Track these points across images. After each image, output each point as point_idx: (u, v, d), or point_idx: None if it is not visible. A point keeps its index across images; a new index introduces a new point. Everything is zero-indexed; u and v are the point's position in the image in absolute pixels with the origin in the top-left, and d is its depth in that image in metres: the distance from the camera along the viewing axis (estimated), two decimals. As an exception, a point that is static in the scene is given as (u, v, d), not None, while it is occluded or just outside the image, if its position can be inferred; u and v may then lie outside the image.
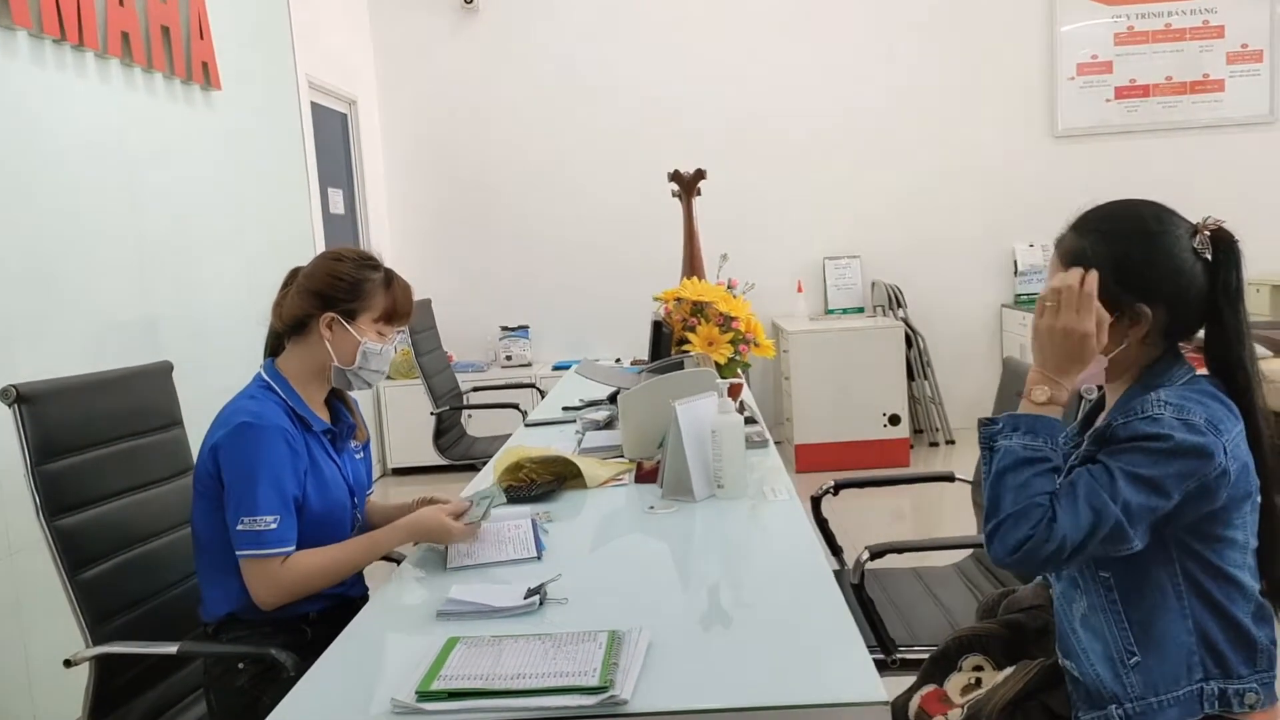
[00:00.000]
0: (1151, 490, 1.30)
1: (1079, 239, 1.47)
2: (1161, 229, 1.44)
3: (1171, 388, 1.38)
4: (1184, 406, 1.33)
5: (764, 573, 1.81)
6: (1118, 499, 1.29)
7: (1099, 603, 1.40)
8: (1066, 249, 1.48)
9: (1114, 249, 1.43)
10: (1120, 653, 1.37)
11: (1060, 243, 1.50)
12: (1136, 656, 1.36)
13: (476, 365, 6.35)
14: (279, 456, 1.85)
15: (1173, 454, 1.30)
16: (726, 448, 2.20)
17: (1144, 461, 1.30)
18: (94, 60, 3.21)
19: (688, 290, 3.14)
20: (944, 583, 2.42)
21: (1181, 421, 1.31)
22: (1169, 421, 1.31)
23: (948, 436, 6.16)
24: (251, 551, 1.80)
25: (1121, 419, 1.36)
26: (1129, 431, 1.34)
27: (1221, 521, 1.35)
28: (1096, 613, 1.40)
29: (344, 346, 1.97)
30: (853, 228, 6.43)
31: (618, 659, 1.37)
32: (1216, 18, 6.16)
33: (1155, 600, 1.36)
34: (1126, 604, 1.38)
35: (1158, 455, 1.30)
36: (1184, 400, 1.34)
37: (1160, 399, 1.35)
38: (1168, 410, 1.33)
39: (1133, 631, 1.37)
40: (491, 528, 2.01)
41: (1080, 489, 1.32)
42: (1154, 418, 1.32)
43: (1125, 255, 1.42)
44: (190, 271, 3.71)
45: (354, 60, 6.10)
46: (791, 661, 1.40)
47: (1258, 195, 6.13)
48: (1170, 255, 1.41)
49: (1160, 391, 1.37)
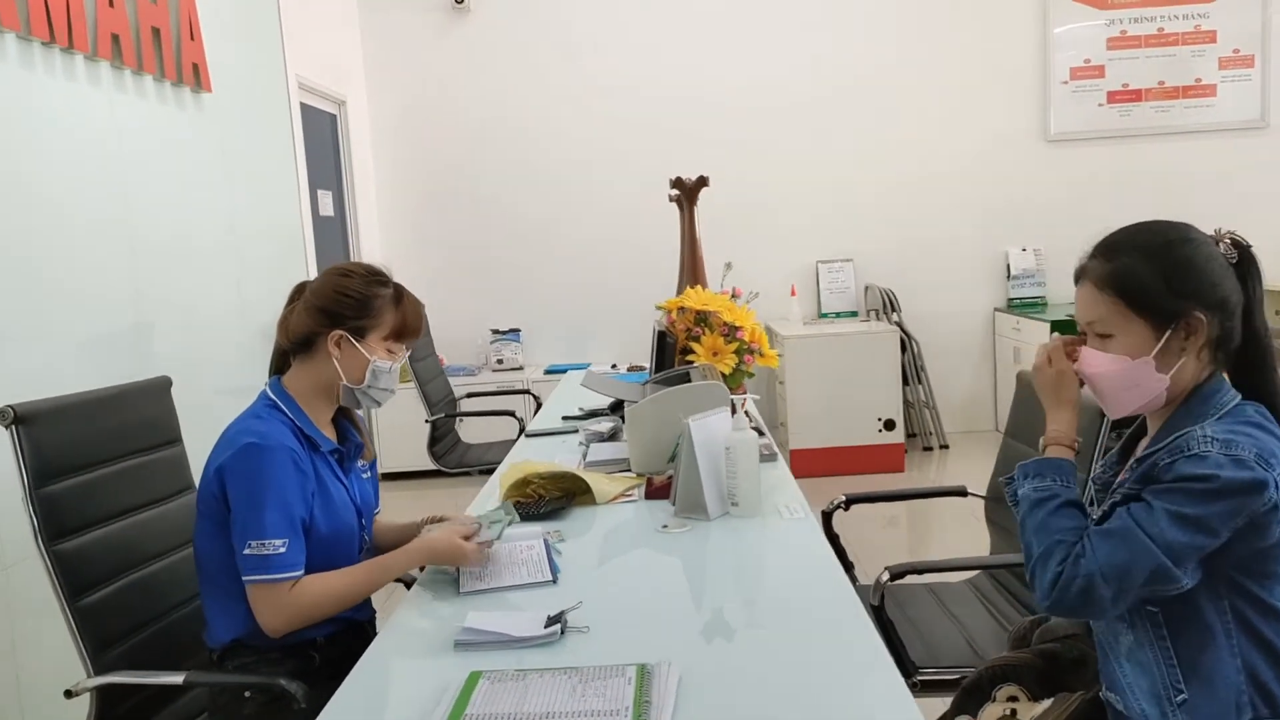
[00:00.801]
0: (1197, 529, 1.27)
1: (1110, 261, 1.42)
2: (1192, 237, 1.42)
3: (1218, 421, 1.35)
4: (1232, 441, 1.30)
5: (786, 596, 1.77)
6: (1160, 539, 1.27)
7: (1146, 638, 1.36)
8: (1101, 274, 1.42)
9: (1155, 260, 1.39)
10: (1167, 689, 1.34)
11: (1085, 272, 1.45)
12: (1184, 694, 1.33)
13: (467, 369, 6.28)
14: (286, 478, 1.79)
15: (1219, 494, 1.27)
16: (741, 465, 2.16)
17: (1188, 501, 1.28)
18: (84, 63, 3.13)
19: (692, 300, 3.10)
20: (959, 600, 2.38)
21: (1230, 458, 1.28)
22: (1216, 459, 1.28)
23: (942, 441, 6.15)
24: (259, 576, 1.74)
25: (1167, 457, 1.32)
26: (1174, 472, 1.31)
27: (1273, 558, 1.31)
28: (1143, 648, 1.37)
29: (353, 365, 1.91)
30: (846, 231, 6.40)
31: (650, 696, 1.33)
32: (1208, 22, 6.17)
33: (1204, 637, 1.33)
34: (1175, 640, 1.34)
35: (1203, 495, 1.27)
36: (1232, 435, 1.31)
37: (1207, 435, 1.31)
38: (1214, 447, 1.30)
39: (1181, 668, 1.34)
40: (503, 549, 1.96)
41: (1115, 528, 1.31)
42: (1200, 455, 1.30)
43: (1170, 263, 1.39)
44: (181, 275, 3.64)
45: (343, 60, 6.03)
46: (826, 692, 1.36)
47: (1250, 199, 6.14)
48: (1211, 260, 1.40)
49: (1206, 426, 1.34)
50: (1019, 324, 5.99)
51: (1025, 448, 2.31)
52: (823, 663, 1.46)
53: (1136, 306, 1.39)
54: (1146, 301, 1.38)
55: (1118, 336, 1.41)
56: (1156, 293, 1.38)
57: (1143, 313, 1.39)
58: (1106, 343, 1.42)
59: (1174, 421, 1.40)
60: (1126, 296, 1.39)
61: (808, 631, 1.58)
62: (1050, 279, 6.31)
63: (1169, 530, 1.27)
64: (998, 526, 2.43)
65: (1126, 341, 1.40)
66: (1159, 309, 1.38)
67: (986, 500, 2.48)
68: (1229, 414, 1.37)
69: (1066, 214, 6.25)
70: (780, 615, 1.68)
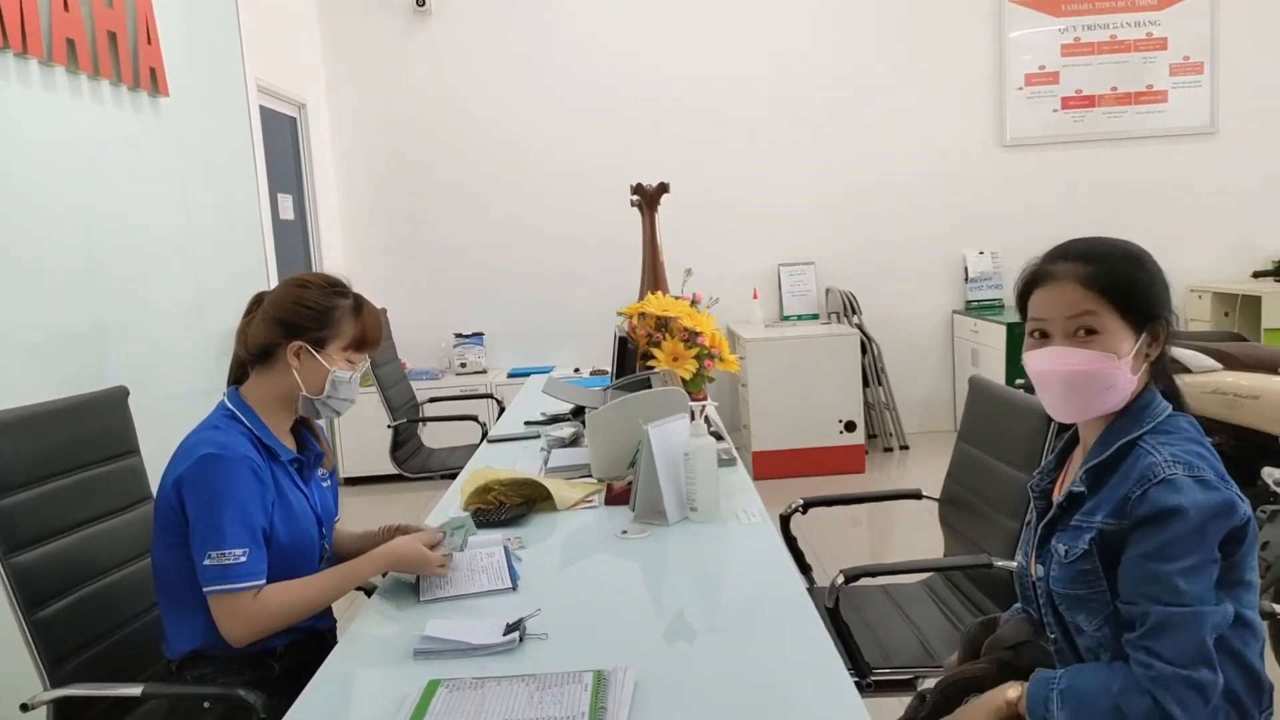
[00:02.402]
0: (1205, 566, 1.31)
1: (1093, 263, 1.44)
2: (1144, 251, 1.49)
3: (1161, 434, 1.40)
4: (1191, 463, 1.34)
5: (742, 601, 1.80)
6: (1192, 598, 1.30)
7: (1123, 655, 1.38)
8: (1085, 273, 1.43)
9: (1136, 266, 1.46)
10: None
11: (1063, 273, 1.45)
12: None
13: (430, 373, 6.27)
14: (246, 488, 1.80)
15: (1203, 528, 1.31)
16: (699, 470, 2.19)
17: (1182, 550, 1.31)
18: (38, 68, 3.10)
19: (652, 305, 3.13)
20: (913, 601, 2.43)
21: (1196, 480, 1.33)
22: (1183, 481, 1.32)
23: (902, 442, 6.22)
24: (220, 587, 1.74)
25: (1136, 488, 1.35)
26: (1151, 507, 1.33)
27: (1240, 566, 1.36)
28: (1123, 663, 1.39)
29: (312, 375, 1.92)
30: (807, 234, 6.46)
31: (605, 702, 1.36)
32: (1159, 30, 6.29)
33: None
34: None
35: (1191, 537, 1.31)
36: (1188, 455, 1.35)
37: (1166, 458, 1.35)
38: (1180, 469, 1.34)
39: None
40: (463, 557, 1.98)
41: (1154, 624, 1.31)
42: (1169, 481, 1.33)
43: (1150, 273, 1.46)
44: (139, 280, 3.61)
45: (303, 63, 5.99)
46: (779, 695, 1.39)
47: (1199, 204, 6.29)
48: (1161, 273, 1.48)
49: (1153, 440, 1.39)
50: (977, 326, 6.08)
51: (978, 453, 2.36)
52: (776, 666, 1.49)
53: (1121, 307, 1.42)
54: (1131, 303, 1.43)
55: (1102, 335, 1.42)
56: (1141, 296, 1.44)
57: (1126, 314, 1.43)
58: (1091, 340, 1.43)
59: (1114, 430, 1.45)
60: (1114, 297, 1.42)
61: (762, 636, 1.61)
62: (1007, 281, 6.40)
63: (1191, 586, 1.30)
64: (951, 529, 2.48)
65: (1110, 340, 1.42)
66: (1141, 312, 1.43)
67: (940, 503, 2.53)
68: (1166, 423, 1.42)
69: (1022, 218, 6.35)
70: (736, 620, 1.71)
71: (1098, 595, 1.41)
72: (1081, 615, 1.44)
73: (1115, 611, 1.39)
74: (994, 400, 2.32)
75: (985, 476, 2.30)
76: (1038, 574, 1.53)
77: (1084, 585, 1.42)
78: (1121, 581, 1.37)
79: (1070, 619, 1.47)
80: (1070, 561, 1.43)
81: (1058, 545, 1.47)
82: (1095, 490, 1.44)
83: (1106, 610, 1.40)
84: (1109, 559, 1.39)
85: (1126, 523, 1.36)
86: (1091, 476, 1.45)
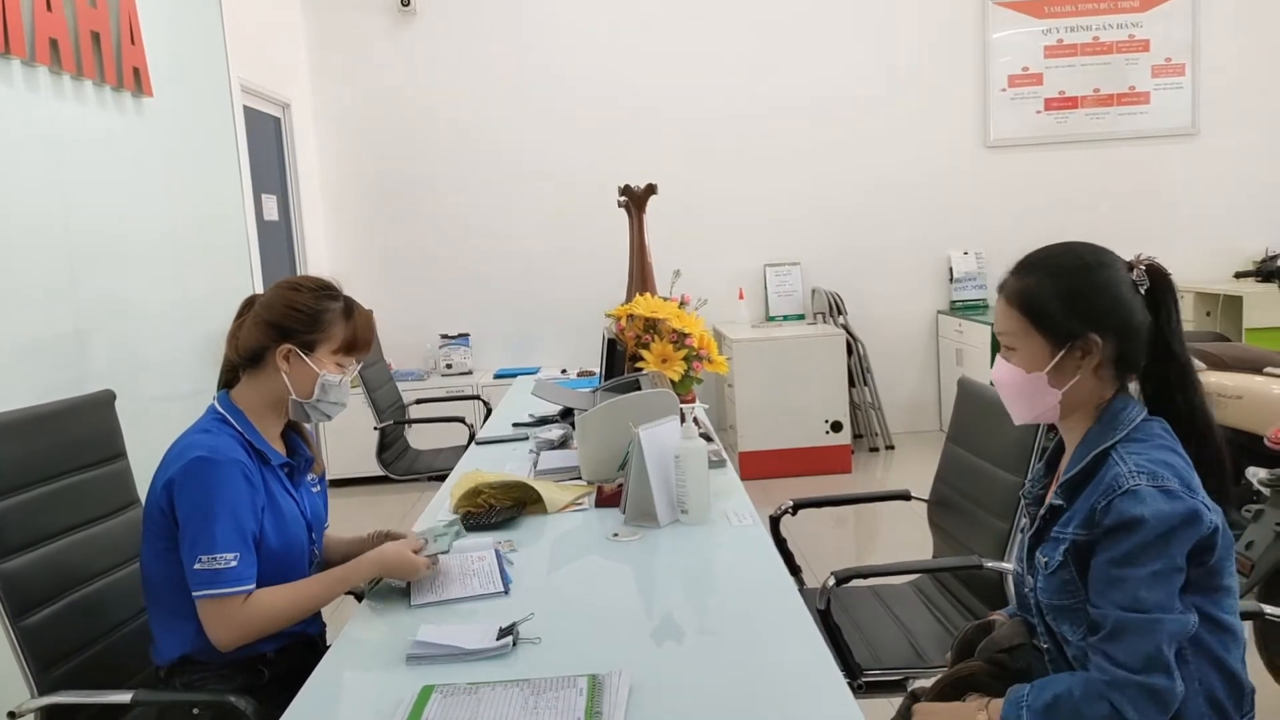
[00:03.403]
0: (1169, 574, 1.32)
1: (1022, 279, 1.51)
2: (1100, 263, 1.49)
3: (1131, 442, 1.42)
4: (1156, 473, 1.35)
5: (734, 603, 1.80)
6: (1151, 605, 1.31)
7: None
8: (1012, 290, 1.52)
9: (1059, 283, 1.48)
10: None
11: (1003, 287, 1.54)
12: None
13: (415, 373, 6.25)
14: (237, 492, 1.78)
15: (1167, 536, 1.32)
16: (690, 473, 2.19)
17: (1147, 558, 1.32)
18: (21, 68, 3.07)
19: (640, 307, 3.13)
20: (902, 602, 2.44)
21: (1160, 490, 1.34)
22: (1146, 491, 1.34)
23: (888, 442, 6.24)
24: (210, 591, 1.73)
25: (1102, 500, 1.37)
26: (1115, 515, 1.35)
27: (1218, 572, 1.38)
28: None
29: (302, 379, 1.91)
30: (793, 235, 6.48)
31: (600, 707, 1.35)
32: (1141, 31, 6.34)
33: None
34: None
35: (1156, 544, 1.32)
36: (1153, 465, 1.37)
37: (1131, 469, 1.37)
38: (1143, 480, 1.35)
39: None
40: (455, 560, 1.97)
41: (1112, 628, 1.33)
42: (1133, 491, 1.34)
43: (1071, 288, 1.47)
44: (122, 281, 3.59)
45: (287, 63, 5.96)
46: (773, 698, 1.40)
47: (1180, 205, 6.34)
48: (1111, 286, 1.47)
49: (1122, 450, 1.40)
50: (961, 326, 6.11)
51: (967, 454, 2.37)
52: (771, 669, 1.49)
53: (1037, 324, 1.48)
54: (1045, 321, 1.48)
55: (1019, 350, 1.51)
56: (1054, 314, 1.46)
57: (1042, 331, 1.48)
58: (1010, 354, 1.53)
59: (1088, 439, 1.47)
60: (1029, 314, 1.49)
61: (755, 638, 1.62)
62: (991, 282, 6.44)
63: (1151, 594, 1.31)
64: (940, 529, 2.49)
65: (1025, 355, 1.50)
66: (1056, 328, 1.47)
67: (929, 504, 2.54)
68: (1137, 430, 1.44)
69: (1006, 218, 6.39)
70: (729, 622, 1.71)
71: (1080, 605, 1.43)
72: (1066, 625, 1.46)
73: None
74: (983, 402, 2.33)
75: (974, 478, 2.31)
76: (1030, 584, 1.55)
77: (1067, 595, 1.44)
78: (1089, 584, 1.40)
79: (1057, 629, 1.48)
80: (1051, 573, 1.46)
81: (1041, 557, 1.49)
82: (1071, 502, 1.47)
83: (1089, 619, 1.41)
84: (1084, 568, 1.41)
85: (1096, 531, 1.38)
86: (1068, 489, 1.47)
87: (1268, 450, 2.78)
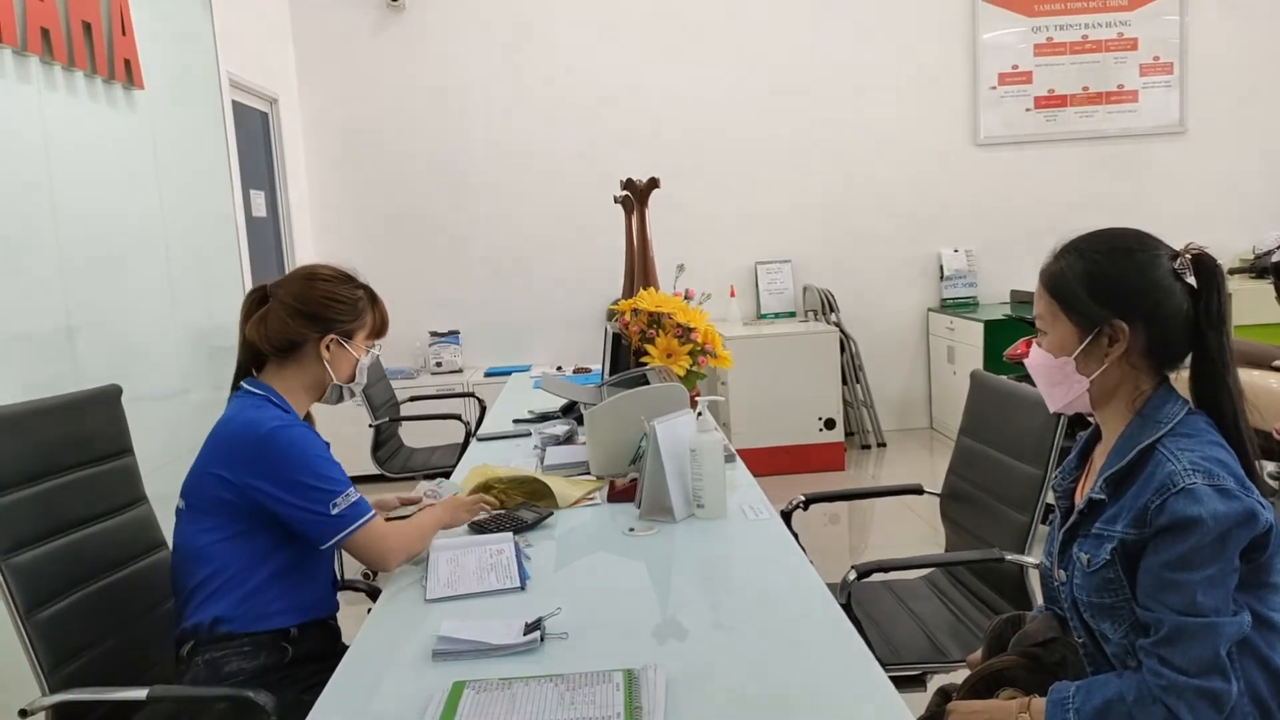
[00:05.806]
0: (1224, 577, 1.30)
1: (1057, 263, 1.49)
2: (1140, 248, 1.45)
3: (1177, 437, 1.38)
4: (1211, 471, 1.32)
5: (760, 596, 1.77)
6: (1208, 609, 1.29)
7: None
8: (1046, 273, 1.50)
9: (1089, 265, 1.45)
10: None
11: (1042, 272, 1.52)
12: None
13: (405, 371, 6.19)
14: (319, 444, 1.92)
15: (1224, 537, 1.29)
16: (706, 467, 2.17)
17: (1202, 560, 1.29)
18: (12, 57, 3.01)
19: (645, 301, 3.10)
20: (917, 596, 2.42)
21: (1216, 489, 1.30)
22: (1202, 492, 1.30)
23: (879, 439, 6.25)
24: (361, 522, 1.87)
25: (1156, 498, 1.33)
26: (1170, 518, 1.31)
27: (1267, 569, 1.35)
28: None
29: (343, 365, 2.03)
30: (784, 233, 6.47)
31: (640, 701, 1.33)
32: (1130, 30, 6.37)
33: None
34: None
35: (1211, 547, 1.29)
36: (1207, 463, 1.33)
37: (1186, 467, 1.33)
38: (1199, 479, 1.31)
39: None
40: (473, 553, 1.95)
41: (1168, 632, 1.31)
42: (1189, 491, 1.30)
43: (1100, 270, 1.44)
44: (111, 276, 3.52)
45: (275, 58, 5.89)
46: (809, 690, 1.38)
47: (1169, 202, 6.38)
48: (1145, 271, 1.43)
49: (1170, 445, 1.37)
50: (952, 323, 6.12)
51: (982, 447, 2.36)
52: (805, 662, 1.47)
53: (1065, 308, 1.46)
54: (1072, 305, 1.46)
55: (1050, 334, 1.49)
56: (1080, 298, 1.44)
57: (1070, 315, 1.46)
58: (1042, 338, 1.51)
59: (1130, 433, 1.43)
60: (1058, 298, 1.47)
61: (787, 630, 1.59)
62: (981, 279, 6.46)
63: (1208, 598, 1.29)
64: (953, 523, 2.48)
65: (1054, 340, 1.48)
66: (1083, 313, 1.44)
67: (942, 497, 2.53)
68: (1182, 425, 1.40)
69: (996, 216, 6.42)
70: (756, 615, 1.68)
71: (1123, 603, 1.39)
72: (1107, 623, 1.42)
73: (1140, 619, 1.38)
74: (999, 395, 2.32)
75: (991, 471, 2.29)
76: (1061, 578, 1.52)
77: (1109, 594, 1.40)
78: (1139, 586, 1.36)
79: (1095, 626, 1.45)
80: (1093, 571, 1.42)
81: (1080, 553, 1.45)
82: (1116, 497, 1.42)
83: (1132, 618, 1.38)
84: (1131, 567, 1.38)
85: (1147, 531, 1.34)
86: (1112, 484, 1.43)
87: (1275, 445, 2.78)
